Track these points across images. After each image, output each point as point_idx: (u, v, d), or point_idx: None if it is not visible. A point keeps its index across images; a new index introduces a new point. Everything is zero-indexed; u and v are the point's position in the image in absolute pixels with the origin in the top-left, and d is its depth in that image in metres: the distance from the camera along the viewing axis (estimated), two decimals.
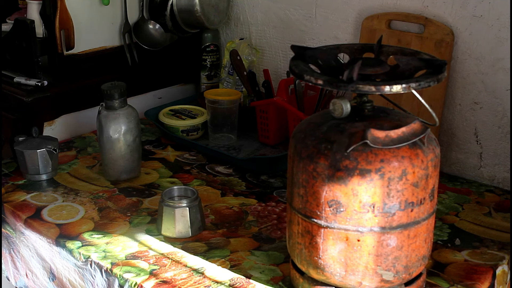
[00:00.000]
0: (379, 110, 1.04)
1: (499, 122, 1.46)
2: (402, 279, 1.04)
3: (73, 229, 1.32)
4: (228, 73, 1.91)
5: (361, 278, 1.02)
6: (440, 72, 0.98)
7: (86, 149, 1.70)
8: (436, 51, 1.48)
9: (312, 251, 1.03)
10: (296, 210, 1.04)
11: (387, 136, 0.95)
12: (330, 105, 1.00)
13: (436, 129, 1.51)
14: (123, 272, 1.17)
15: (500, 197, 1.45)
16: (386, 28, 1.57)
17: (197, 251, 1.24)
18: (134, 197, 1.45)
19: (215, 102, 1.71)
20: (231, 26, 1.97)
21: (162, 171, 1.58)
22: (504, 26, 1.40)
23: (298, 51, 1.08)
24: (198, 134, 1.76)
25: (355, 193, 0.96)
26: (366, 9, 1.62)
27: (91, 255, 1.22)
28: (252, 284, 1.14)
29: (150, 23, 1.88)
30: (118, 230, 1.31)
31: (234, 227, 1.33)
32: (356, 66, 0.95)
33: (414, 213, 0.99)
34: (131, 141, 1.49)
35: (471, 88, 1.49)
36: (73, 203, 1.42)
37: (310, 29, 1.75)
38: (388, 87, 0.93)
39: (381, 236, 0.99)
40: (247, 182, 1.52)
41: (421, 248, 1.03)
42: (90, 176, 1.55)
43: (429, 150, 0.99)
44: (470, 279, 1.15)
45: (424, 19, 1.51)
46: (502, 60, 1.42)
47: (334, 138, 0.98)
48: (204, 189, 1.48)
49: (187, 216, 1.27)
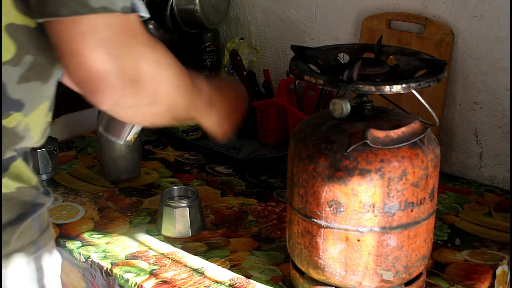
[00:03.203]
0: (379, 110, 1.04)
1: (499, 122, 1.46)
2: (402, 279, 1.04)
3: (73, 229, 1.32)
4: (228, 73, 1.91)
5: (361, 278, 1.02)
6: (440, 72, 0.98)
7: (86, 149, 1.70)
8: (436, 51, 1.48)
9: (312, 251, 1.03)
10: (296, 210, 1.04)
11: (387, 136, 0.95)
12: (330, 105, 1.00)
13: (436, 129, 1.51)
14: (123, 272, 1.17)
15: (500, 197, 1.45)
16: (386, 28, 1.57)
17: (197, 251, 1.24)
18: (134, 197, 1.45)
19: None
20: (231, 26, 1.97)
21: (162, 171, 1.58)
22: (504, 26, 1.40)
23: (298, 51, 1.08)
24: (198, 134, 1.76)
25: (355, 193, 0.96)
26: (366, 9, 1.62)
27: (91, 255, 1.22)
28: (252, 284, 1.14)
29: (150, 23, 1.88)
30: (118, 230, 1.31)
31: (234, 227, 1.33)
32: (356, 66, 0.95)
33: (414, 213, 0.99)
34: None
35: (471, 88, 1.49)
36: (73, 203, 1.42)
37: (310, 29, 1.75)
38: (388, 87, 0.93)
39: (381, 236, 0.99)
40: (247, 182, 1.52)
41: (421, 248, 1.03)
42: (90, 176, 1.55)
43: (429, 150, 0.99)
44: (470, 279, 1.15)
45: (424, 19, 1.51)
46: (502, 60, 1.42)
47: (334, 138, 0.98)
48: (204, 189, 1.48)
49: (187, 216, 1.27)
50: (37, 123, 0.86)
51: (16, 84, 0.79)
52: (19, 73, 0.79)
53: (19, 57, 0.78)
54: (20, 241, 0.82)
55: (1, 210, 0.81)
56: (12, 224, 0.81)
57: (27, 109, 0.82)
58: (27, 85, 0.80)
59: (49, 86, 0.85)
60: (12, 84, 0.79)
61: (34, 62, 0.80)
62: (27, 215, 0.82)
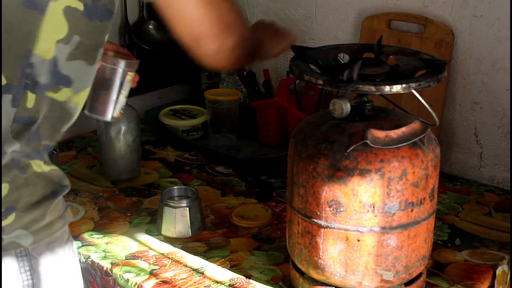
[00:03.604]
0: (379, 110, 1.04)
1: (499, 122, 1.46)
2: (402, 279, 1.04)
3: (73, 229, 1.32)
4: (228, 73, 1.91)
5: (361, 278, 1.02)
6: (440, 72, 0.98)
7: (86, 149, 1.70)
8: (436, 51, 1.48)
9: (312, 251, 1.03)
10: (296, 210, 1.04)
11: (387, 136, 0.95)
12: (330, 105, 1.00)
13: (436, 129, 1.51)
14: (123, 272, 1.17)
15: (500, 197, 1.45)
16: (386, 28, 1.57)
17: (197, 251, 1.24)
18: (134, 197, 1.45)
19: (215, 102, 1.71)
20: None
21: (162, 171, 1.58)
22: (504, 26, 1.40)
23: (298, 51, 1.08)
24: (198, 134, 1.76)
25: (355, 193, 0.96)
26: (366, 9, 1.62)
27: (91, 255, 1.22)
28: (252, 284, 1.14)
29: (150, 23, 1.88)
30: (118, 230, 1.31)
31: (234, 227, 1.33)
32: (356, 66, 0.95)
33: (414, 213, 0.99)
34: (131, 141, 1.49)
35: (471, 88, 1.49)
36: (73, 203, 1.42)
37: (310, 29, 1.75)
38: (388, 87, 0.93)
39: (381, 236, 0.99)
40: (247, 182, 1.52)
41: (421, 248, 1.03)
42: (90, 176, 1.55)
43: (429, 150, 0.99)
44: (470, 279, 1.15)
45: (424, 19, 1.51)
46: (502, 60, 1.42)
47: (334, 138, 0.98)
48: (204, 189, 1.48)
49: (187, 216, 1.27)
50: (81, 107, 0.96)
51: (65, 60, 0.89)
52: (68, 51, 0.88)
53: (69, 36, 0.88)
54: (53, 214, 0.93)
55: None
56: (48, 199, 0.92)
57: (76, 87, 0.92)
58: (74, 63, 0.90)
59: (93, 69, 0.94)
60: (62, 60, 0.88)
61: (80, 42, 0.89)
62: (58, 193, 0.94)
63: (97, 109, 1.20)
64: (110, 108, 1.20)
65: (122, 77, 1.18)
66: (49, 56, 0.87)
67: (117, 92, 1.19)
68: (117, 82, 1.18)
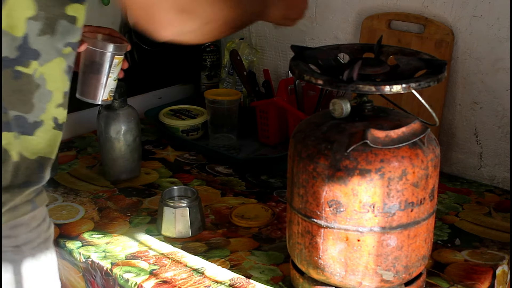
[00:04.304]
0: (379, 110, 1.04)
1: (499, 122, 1.46)
2: (402, 279, 1.04)
3: (73, 229, 1.32)
4: (228, 73, 1.91)
5: (361, 278, 1.02)
6: (440, 72, 0.98)
7: (86, 149, 1.70)
8: (436, 51, 1.48)
9: (312, 251, 1.03)
10: (296, 210, 1.04)
11: (387, 136, 0.95)
12: (330, 105, 1.00)
13: (436, 129, 1.51)
14: (123, 272, 1.17)
15: (500, 197, 1.45)
16: (386, 28, 1.57)
17: (197, 251, 1.24)
18: (134, 197, 1.45)
19: (215, 102, 1.71)
20: None
21: (162, 171, 1.58)
22: (504, 26, 1.40)
23: (298, 51, 1.08)
24: (198, 134, 1.76)
25: (355, 193, 0.96)
26: (366, 9, 1.62)
27: (91, 255, 1.22)
28: (252, 284, 1.14)
29: None
30: (118, 230, 1.31)
31: (234, 227, 1.33)
32: (356, 66, 0.95)
33: (414, 213, 0.99)
34: (131, 141, 1.49)
35: (471, 88, 1.49)
36: (73, 203, 1.42)
37: (310, 29, 1.75)
38: (388, 87, 0.93)
39: (381, 236, 0.99)
40: (247, 182, 1.52)
41: (421, 248, 1.03)
42: (90, 176, 1.55)
43: (429, 150, 0.99)
44: (470, 279, 1.15)
45: (424, 19, 1.51)
46: (502, 60, 1.42)
47: (334, 138, 0.98)
48: (204, 189, 1.48)
49: (187, 216, 1.27)
50: (53, 79, 0.96)
51: (36, 36, 0.92)
52: (39, 27, 0.92)
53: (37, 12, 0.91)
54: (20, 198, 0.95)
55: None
56: (20, 187, 0.94)
57: (42, 59, 0.94)
58: (44, 37, 0.93)
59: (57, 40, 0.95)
60: (33, 36, 0.92)
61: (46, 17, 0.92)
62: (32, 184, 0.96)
63: (87, 92, 1.23)
64: (100, 92, 1.22)
65: (110, 61, 1.21)
66: (20, 34, 0.90)
67: (106, 76, 1.21)
68: (106, 65, 1.21)
